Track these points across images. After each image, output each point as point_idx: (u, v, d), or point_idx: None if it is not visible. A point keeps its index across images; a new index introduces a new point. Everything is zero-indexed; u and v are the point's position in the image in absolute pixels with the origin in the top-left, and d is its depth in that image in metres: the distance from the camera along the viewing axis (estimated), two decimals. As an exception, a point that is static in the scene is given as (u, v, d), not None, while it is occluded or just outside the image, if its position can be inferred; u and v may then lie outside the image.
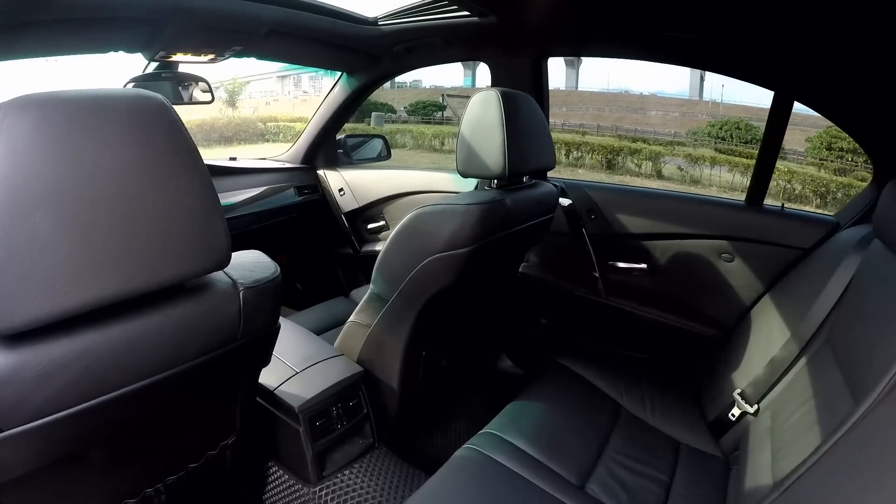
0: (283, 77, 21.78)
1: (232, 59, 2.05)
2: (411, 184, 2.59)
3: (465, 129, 1.54)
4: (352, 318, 1.70)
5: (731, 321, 1.96)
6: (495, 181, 1.61)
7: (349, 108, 2.67)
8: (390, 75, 2.58)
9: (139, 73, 1.92)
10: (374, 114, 18.89)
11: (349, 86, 2.54)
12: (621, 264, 2.18)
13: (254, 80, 21.98)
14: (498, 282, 2.04)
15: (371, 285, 1.64)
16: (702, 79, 16.95)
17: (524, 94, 1.61)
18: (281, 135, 17.97)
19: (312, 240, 2.94)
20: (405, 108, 20.17)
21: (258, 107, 21.43)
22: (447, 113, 19.54)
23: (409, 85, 20.69)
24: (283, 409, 1.52)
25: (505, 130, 1.47)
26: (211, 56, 1.95)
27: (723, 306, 2.01)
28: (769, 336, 1.60)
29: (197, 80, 2.03)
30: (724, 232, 2.00)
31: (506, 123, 1.47)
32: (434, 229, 1.45)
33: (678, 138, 16.49)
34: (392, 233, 1.54)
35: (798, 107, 1.84)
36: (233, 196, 2.37)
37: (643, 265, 2.15)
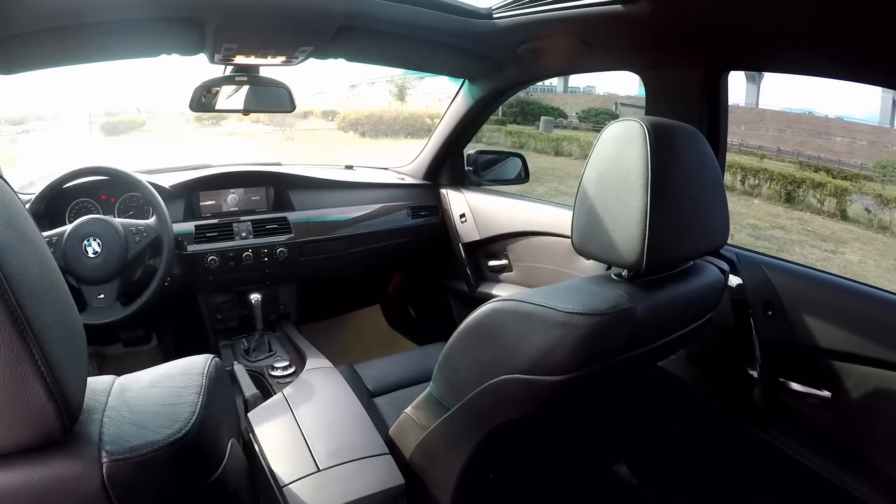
0: None
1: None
2: (544, 222, 2.09)
3: (588, 179, 1.04)
4: (409, 409, 1.31)
5: None
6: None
7: (475, 121, 2.27)
8: (519, 84, 2.12)
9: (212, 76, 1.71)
10: (543, 118, 18.68)
11: (471, 95, 2.13)
12: (796, 386, 1.44)
13: (427, 77, 22.64)
14: (611, 410, 1.53)
15: (431, 383, 1.24)
16: (894, 103, 14.79)
17: (688, 129, 1.05)
18: None
19: (426, 267, 2.70)
20: (577, 113, 19.77)
21: (430, 102, 21.95)
22: None
23: (582, 90, 20.22)
24: None
25: (649, 193, 0.93)
26: (282, 58, 1.64)
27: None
28: None
29: (275, 84, 1.76)
30: None
31: (652, 181, 0.93)
32: (515, 339, 0.99)
33: (865, 170, 14.46)
34: (461, 326, 1.11)
35: None
36: (346, 211, 2.24)
37: (827, 393, 1.40)
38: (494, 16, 1.61)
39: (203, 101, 1.73)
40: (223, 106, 1.78)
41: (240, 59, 1.62)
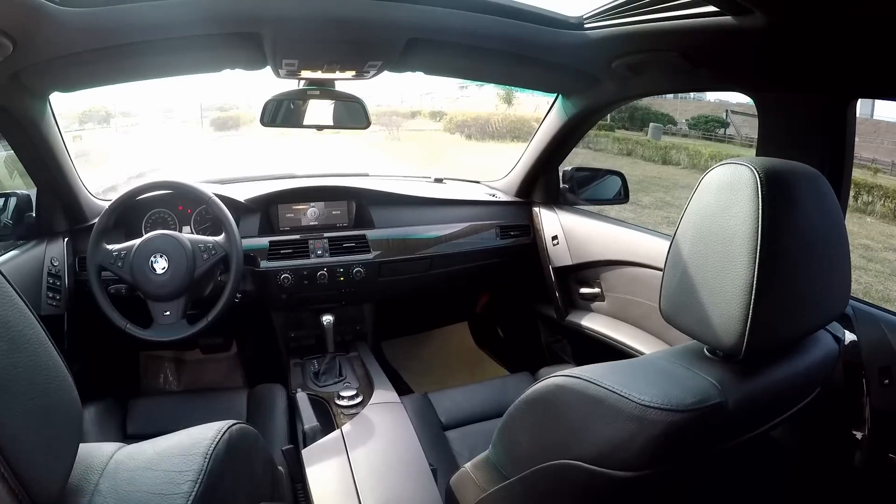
0: None
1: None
2: (643, 252, 1.87)
3: (683, 233, 0.85)
4: (468, 466, 1.16)
5: None
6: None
7: (570, 138, 2.09)
8: (617, 102, 1.92)
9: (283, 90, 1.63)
10: (652, 125, 18.06)
11: (565, 111, 1.95)
12: None
13: None
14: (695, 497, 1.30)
15: (491, 447, 1.09)
16: None
17: (809, 173, 0.82)
18: None
19: (516, 288, 2.54)
20: (686, 120, 18.95)
21: (539, 105, 21.78)
22: (730, 131, 17.91)
23: (692, 97, 19.33)
24: None
25: (758, 261, 0.73)
26: (352, 73, 1.54)
27: None
28: None
29: (349, 99, 1.66)
30: None
31: (762, 245, 0.73)
32: (581, 424, 0.82)
33: None
34: (524, 396, 0.95)
35: None
36: (430, 229, 2.14)
37: None
38: (586, 26, 1.43)
39: (274, 115, 1.66)
40: (294, 122, 1.71)
41: (307, 74, 1.54)
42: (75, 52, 1.27)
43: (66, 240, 1.77)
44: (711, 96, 19.69)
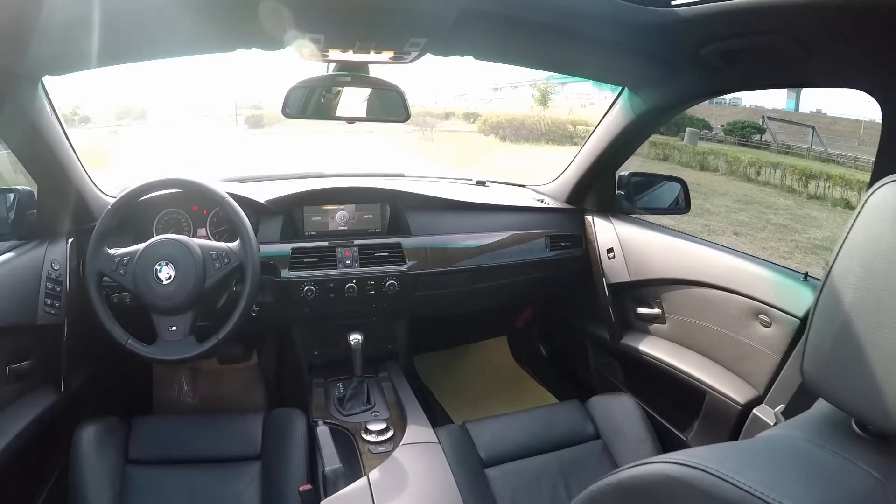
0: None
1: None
2: (714, 271, 1.62)
3: (842, 272, 0.60)
4: None
5: None
6: None
7: (634, 139, 1.84)
8: (696, 98, 1.63)
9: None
10: (688, 129, 17.67)
11: (632, 108, 1.69)
12: None
13: (571, 82, 22.38)
14: None
15: None
16: None
17: None
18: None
19: (562, 303, 2.35)
20: (721, 126, 18.51)
21: (573, 108, 21.56)
22: (765, 137, 17.47)
23: (728, 102, 18.91)
24: None
25: None
26: (389, 53, 1.29)
27: None
28: None
29: (385, 87, 1.43)
30: None
31: None
32: None
33: None
34: (613, 479, 0.68)
35: None
36: (472, 238, 1.94)
37: None
38: (673, 3, 1.17)
39: (298, 105, 1.44)
40: (322, 113, 1.49)
41: (335, 55, 1.30)
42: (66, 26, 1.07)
43: (69, 241, 1.58)
44: (747, 101, 19.35)
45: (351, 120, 1.49)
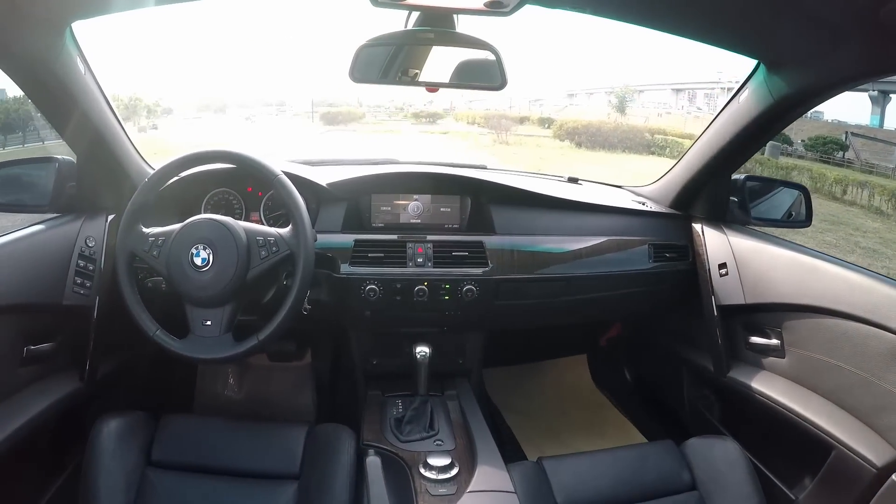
0: (678, 91, 21.78)
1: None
2: (852, 297, 1.33)
3: None
4: None
5: None
6: None
7: (765, 131, 1.50)
8: (865, 76, 1.22)
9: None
10: (770, 142, 16.97)
11: (770, 91, 1.35)
12: None
13: (647, 90, 22.03)
14: None
15: None
16: None
17: None
18: (668, 149, 17.41)
19: (656, 322, 2.07)
20: (802, 141, 17.76)
21: (649, 117, 21.24)
22: (849, 154, 16.66)
23: (809, 116, 18.21)
24: None
25: None
26: (485, -1, 1.03)
27: None
28: None
29: (477, 45, 1.18)
30: None
31: None
32: None
33: None
34: None
35: None
36: (564, 241, 1.68)
37: None
38: None
39: (368, 68, 1.21)
40: (397, 77, 1.24)
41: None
42: None
43: (109, 217, 1.43)
44: (829, 115, 18.66)
45: (434, 87, 1.25)
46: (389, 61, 1.22)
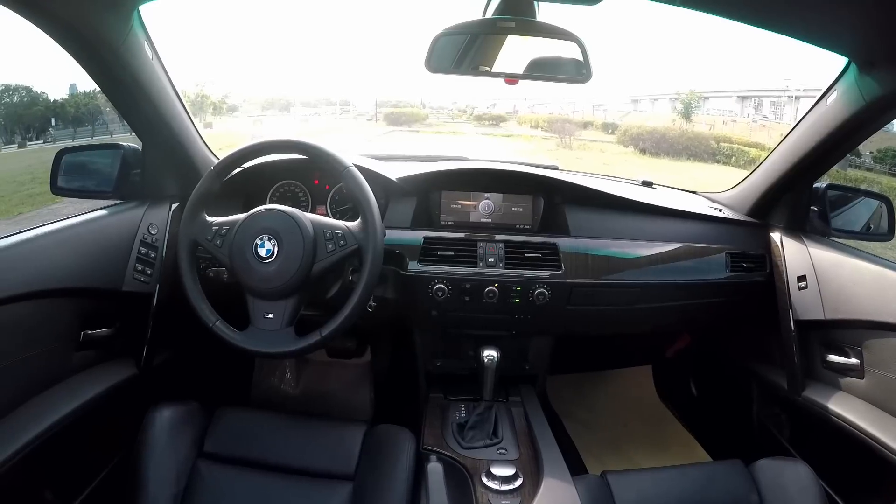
0: (744, 98, 21.27)
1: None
2: None
3: None
4: None
5: None
6: None
7: (854, 136, 1.41)
8: None
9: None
10: None
11: (861, 92, 1.24)
12: None
13: (713, 97, 21.50)
14: None
15: None
16: None
17: None
18: (733, 158, 16.70)
19: (728, 335, 1.98)
20: (870, 153, 16.98)
21: (714, 124, 20.72)
22: None
23: None
24: None
25: None
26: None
27: None
28: None
29: (559, 34, 1.12)
30: None
31: None
32: None
33: None
34: None
35: None
36: (639, 247, 1.60)
37: None
38: None
39: (444, 57, 1.17)
40: (475, 68, 1.20)
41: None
42: None
43: (173, 206, 1.43)
44: None
45: (513, 78, 1.20)
46: (464, 51, 1.18)
